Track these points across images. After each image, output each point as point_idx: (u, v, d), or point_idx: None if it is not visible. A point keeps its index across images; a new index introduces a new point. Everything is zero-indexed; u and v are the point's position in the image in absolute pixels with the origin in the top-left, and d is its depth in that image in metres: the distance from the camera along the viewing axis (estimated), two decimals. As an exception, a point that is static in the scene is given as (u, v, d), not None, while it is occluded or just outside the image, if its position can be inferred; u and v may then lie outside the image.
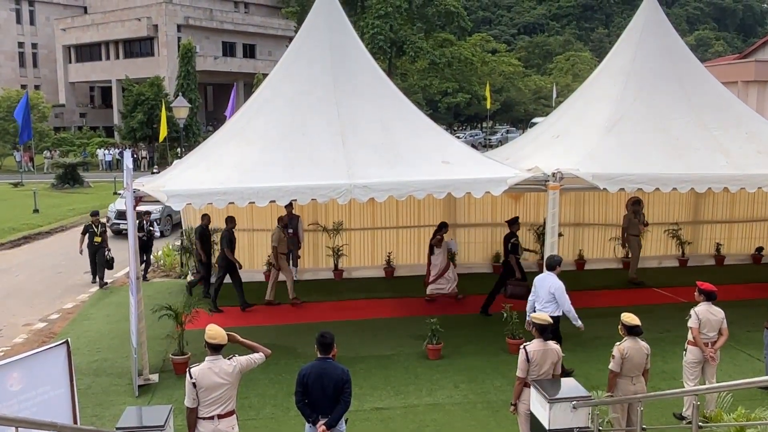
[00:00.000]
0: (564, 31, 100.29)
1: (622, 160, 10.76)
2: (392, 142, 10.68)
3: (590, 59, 77.43)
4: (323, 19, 11.95)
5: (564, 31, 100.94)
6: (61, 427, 5.13)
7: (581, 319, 9.24)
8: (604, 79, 13.26)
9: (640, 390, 7.20)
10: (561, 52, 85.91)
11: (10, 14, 63.44)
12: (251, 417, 8.50)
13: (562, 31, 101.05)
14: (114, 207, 21.98)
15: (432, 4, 57.72)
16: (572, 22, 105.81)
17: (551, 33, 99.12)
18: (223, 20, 61.82)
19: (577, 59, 79.44)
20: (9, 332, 12.59)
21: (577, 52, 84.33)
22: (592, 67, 58.77)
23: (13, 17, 63.76)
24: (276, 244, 13.21)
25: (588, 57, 79.96)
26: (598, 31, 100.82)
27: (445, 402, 9.08)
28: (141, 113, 46.18)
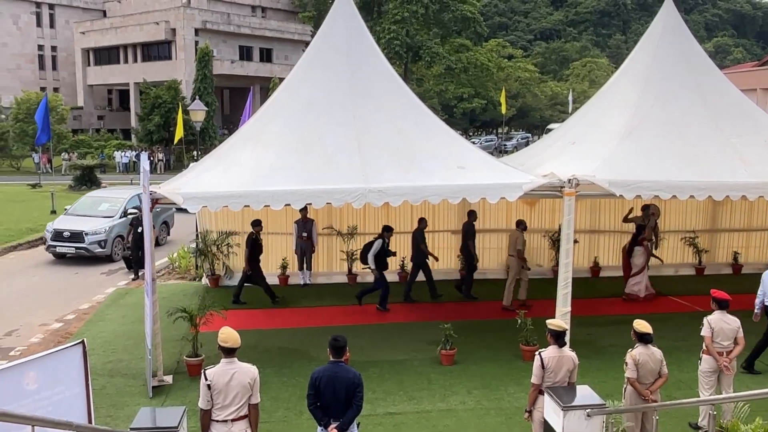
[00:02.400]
0: (581, 37, 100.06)
1: (638, 166, 10.68)
2: (408, 147, 10.68)
3: (607, 65, 77.17)
4: (340, 24, 11.98)
5: (581, 37, 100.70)
6: (76, 427, 5.17)
7: (594, 327, 9.19)
8: (621, 86, 13.20)
9: (655, 399, 7.15)
10: (578, 58, 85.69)
11: (30, 17, 64.21)
12: (263, 420, 8.48)
13: (579, 37, 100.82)
14: (51, 227, 18.90)
15: (448, 9, 57.77)
16: (589, 28, 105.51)
17: (568, 39, 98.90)
18: (240, 24, 62.18)
19: (594, 65, 79.17)
20: (25, 332, 12.71)
21: (593, 58, 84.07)
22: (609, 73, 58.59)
23: (33, 20, 64.53)
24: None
25: (605, 63, 79.67)
26: (616, 38, 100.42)
27: (459, 408, 9.04)
28: (158, 116, 46.53)
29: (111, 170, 46.59)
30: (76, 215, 19.41)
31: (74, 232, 18.39)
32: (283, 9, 71.67)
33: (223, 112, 64.22)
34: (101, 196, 21.20)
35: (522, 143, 57.51)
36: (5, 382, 5.77)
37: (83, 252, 18.30)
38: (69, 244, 18.40)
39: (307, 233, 14.68)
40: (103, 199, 20.39)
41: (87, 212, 19.47)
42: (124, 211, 19.22)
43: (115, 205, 19.72)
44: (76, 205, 20.32)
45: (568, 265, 10.09)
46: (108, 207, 19.72)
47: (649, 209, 14.26)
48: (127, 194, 20.30)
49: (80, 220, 18.79)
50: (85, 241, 18.28)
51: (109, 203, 19.95)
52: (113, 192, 21.95)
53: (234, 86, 63.47)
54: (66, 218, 19.34)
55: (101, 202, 20.08)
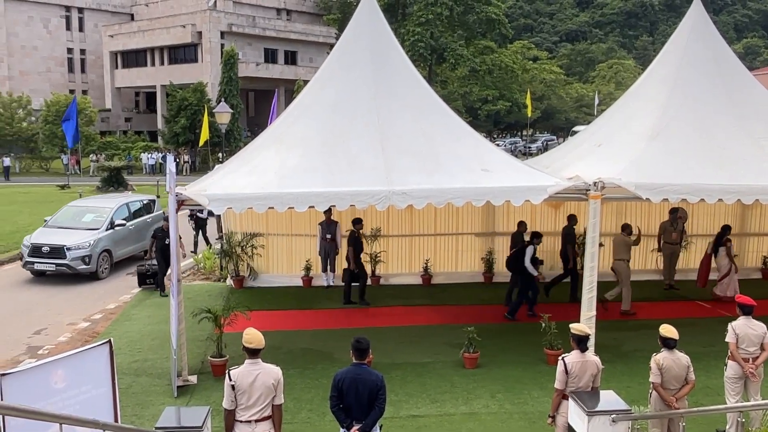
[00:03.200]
0: (607, 39, 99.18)
1: (665, 169, 10.55)
2: (432, 149, 10.66)
3: (634, 67, 76.45)
4: (364, 26, 12.01)
5: (607, 38, 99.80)
6: (103, 425, 5.24)
7: (619, 332, 9.09)
8: (648, 87, 13.05)
9: (681, 405, 7.05)
10: (604, 60, 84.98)
11: (60, 21, 65.29)
12: (287, 421, 8.51)
13: (605, 38, 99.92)
14: (28, 241, 16.84)
15: (473, 11, 57.63)
16: (616, 29, 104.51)
17: (594, 40, 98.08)
18: (265, 27, 62.61)
19: (621, 67, 78.47)
20: (54, 331, 12.90)
21: (620, 59, 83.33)
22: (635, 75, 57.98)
23: (63, 24, 65.60)
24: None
25: (631, 65, 78.94)
26: (643, 39, 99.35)
27: (482, 411, 9.00)
28: (184, 118, 47.01)
29: (138, 172, 47.17)
30: (57, 227, 17.30)
31: (54, 246, 16.28)
32: (308, 12, 72.03)
33: (248, 114, 64.71)
34: (85, 205, 18.92)
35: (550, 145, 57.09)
36: (34, 380, 5.86)
37: (64, 269, 16.25)
38: (48, 261, 16.30)
39: (330, 235, 14.72)
40: (88, 209, 18.25)
41: (69, 224, 17.39)
42: (111, 222, 17.43)
43: (101, 215, 17.68)
44: (58, 215, 18.17)
45: (593, 269, 9.99)
46: (93, 218, 17.63)
47: (677, 212, 14.13)
48: (114, 203, 18.48)
49: (61, 233, 16.74)
50: (66, 256, 16.19)
51: (94, 214, 17.86)
52: (98, 201, 19.82)
53: (259, 88, 63.90)
54: (45, 231, 17.20)
55: (85, 213, 18.01)
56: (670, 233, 14.49)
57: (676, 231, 14.41)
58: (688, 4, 13.44)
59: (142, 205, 19.43)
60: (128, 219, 18.18)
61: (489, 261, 15.35)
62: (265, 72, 60.47)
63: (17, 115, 49.19)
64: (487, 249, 15.46)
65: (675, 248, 14.71)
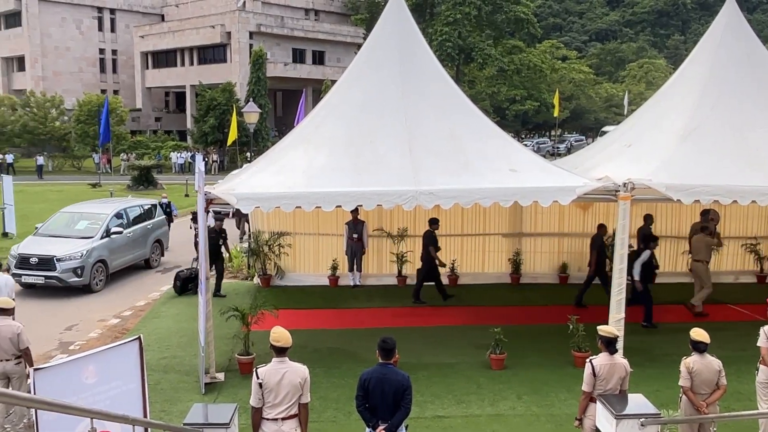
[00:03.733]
0: (638, 38, 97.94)
1: (697, 170, 10.38)
2: (459, 150, 10.63)
3: (665, 67, 75.44)
4: (392, 26, 12.00)
5: (638, 37, 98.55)
6: (132, 420, 5.30)
7: (649, 335, 8.96)
8: (679, 87, 12.85)
9: (712, 410, 6.93)
10: (634, 60, 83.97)
11: (92, 22, 66.34)
12: (312, 419, 8.52)
13: (636, 37, 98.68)
14: (15, 250, 15.63)
15: (501, 11, 57.29)
16: (647, 28, 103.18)
17: (624, 40, 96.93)
18: (293, 27, 62.94)
19: (651, 67, 77.47)
20: (85, 327, 13.10)
21: (651, 59, 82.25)
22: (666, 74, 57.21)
23: (95, 25, 66.66)
24: None
25: (663, 64, 77.89)
26: (674, 38, 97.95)
27: (508, 413, 8.95)
28: (213, 118, 47.44)
29: (167, 171, 47.70)
30: (47, 236, 15.99)
31: (43, 257, 14.98)
32: (336, 12, 72.24)
33: (275, 114, 65.08)
34: (79, 211, 17.31)
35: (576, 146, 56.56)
36: (65, 375, 5.95)
37: (54, 282, 14.99)
38: (37, 273, 14.99)
39: (357, 235, 14.75)
40: (82, 216, 16.83)
41: (61, 232, 16.09)
42: (106, 230, 16.13)
43: (96, 222, 16.36)
44: (50, 222, 16.85)
45: (622, 271, 9.88)
46: (87, 225, 16.30)
47: (708, 214, 13.88)
48: (110, 209, 17.07)
49: (52, 243, 15.39)
50: (56, 268, 14.90)
51: (88, 221, 16.50)
52: (93, 206, 18.08)
53: (286, 88, 64.25)
54: (35, 240, 15.91)
55: (79, 220, 16.63)
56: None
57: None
58: (721, 2, 13.21)
59: (143, 211, 18.13)
60: (126, 226, 16.98)
61: (516, 262, 15.26)
62: (293, 72, 60.78)
63: (50, 114, 50.05)
64: (515, 250, 15.36)
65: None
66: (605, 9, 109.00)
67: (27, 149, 51.92)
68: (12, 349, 8.23)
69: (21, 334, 8.23)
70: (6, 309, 8.33)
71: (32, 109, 49.65)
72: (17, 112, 49.66)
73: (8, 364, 8.26)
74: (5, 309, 8.33)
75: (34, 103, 50.00)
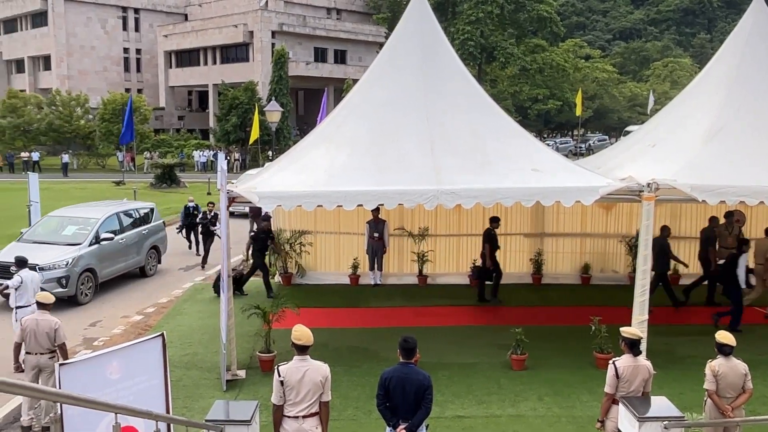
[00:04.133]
0: (662, 37, 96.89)
1: (723, 170, 10.23)
2: (481, 149, 10.58)
3: (690, 66, 74.54)
4: (414, 25, 11.98)
5: (662, 36, 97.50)
6: (156, 416, 5.35)
7: (673, 336, 8.86)
8: (705, 87, 12.68)
9: (738, 414, 6.84)
10: (659, 59, 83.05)
11: (117, 21, 67.08)
12: (333, 418, 8.54)
13: (661, 36, 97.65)
14: None
15: (524, 9, 57.05)
16: (672, 27, 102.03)
17: (649, 38, 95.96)
18: (315, 26, 63.12)
19: (676, 66, 76.56)
20: (108, 323, 13.26)
21: (676, 58, 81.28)
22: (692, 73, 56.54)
23: (120, 24, 67.40)
24: None
25: (688, 63, 76.97)
26: (700, 37, 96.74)
27: (529, 414, 8.90)
28: (235, 117, 47.77)
29: (190, 169, 48.11)
30: (32, 242, 14.82)
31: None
32: (358, 11, 72.33)
33: (297, 113, 65.35)
34: (67, 216, 15.94)
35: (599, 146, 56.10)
36: (90, 370, 6.03)
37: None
38: None
39: (378, 234, 14.76)
40: (70, 220, 15.53)
41: (47, 238, 14.93)
42: (96, 236, 14.96)
43: (85, 227, 15.16)
44: (36, 227, 15.85)
45: (645, 272, 9.77)
46: (75, 231, 15.12)
47: (733, 216, 13.68)
48: (101, 213, 15.78)
49: (35, 250, 13.98)
50: None
51: (76, 226, 15.28)
52: (84, 210, 16.70)
53: (308, 87, 64.46)
54: (18, 246, 14.51)
55: (67, 225, 15.38)
56: (725, 237, 13.96)
57: (731, 235, 13.88)
58: (748, 0, 13.02)
59: (138, 215, 16.96)
60: (119, 231, 15.82)
61: (538, 262, 15.17)
62: (315, 71, 60.96)
63: (75, 113, 50.71)
64: (536, 250, 15.27)
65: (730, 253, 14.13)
66: (629, 7, 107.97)
67: (52, 147, 52.66)
68: (48, 344, 8.37)
69: (58, 329, 8.37)
70: (45, 303, 8.47)
71: (58, 108, 50.36)
72: (43, 110, 50.40)
73: (43, 357, 8.42)
74: (44, 303, 8.47)
75: (60, 101, 50.70)
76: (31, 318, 8.50)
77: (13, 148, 48.97)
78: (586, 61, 72.26)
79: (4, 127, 48.48)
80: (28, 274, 10.48)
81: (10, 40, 69.88)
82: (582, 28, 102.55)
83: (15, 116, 48.73)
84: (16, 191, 32.27)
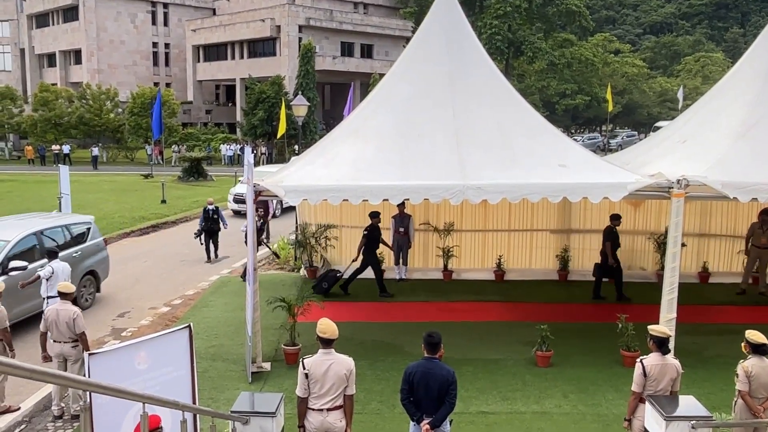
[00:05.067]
0: (694, 31, 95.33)
1: (755, 167, 10.03)
2: (507, 144, 10.52)
3: (722, 60, 73.31)
4: (441, 20, 11.92)
5: (694, 30, 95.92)
6: (183, 406, 5.42)
7: (702, 336, 8.73)
8: (738, 82, 12.43)
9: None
10: (690, 53, 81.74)
11: (146, 16, 67.82)
12: (357, 411, 8.56)
13: (692, 30, 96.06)
14: None
15: (553, 3, 56.54)
16: (704, 21, 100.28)
17: (680, 33, 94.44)
18: (342, 21, 63.19)
19: (708, 60, 75.32)
20: (136, 314, 13.44)
21: (708, 52, 79.97)
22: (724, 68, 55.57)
23: (149, 19, 68.14)
24: None
25: (720, 58, 75.68)
26: (733, 31, 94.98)
27: (553, 411, 8.85)
28: (262, 111, 48.01)
29: (217, 162, 48.51)
30: None
31: None
32: (385, 5, 72.22)
33: (323, 107, 65.49)
34: None
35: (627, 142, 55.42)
36: (119, 360, 6.12)
37: None
38: None
39: (404, 228, 14.75)
40: None
41: None
42: (5, 260, 11.54)
43: None
44: None
45: (674, 270, 9.64)
46: None
47: (767, 214, 13.43)
48: (14, 234, 12.13)
49: None
50: None
51: None
52: None
53: (334, 81, 64.56)
54: None
55: None
56: (759, 236, 13.67)
57: (765, 235, 13.60)
58: (784, -7, 12.73)
59: (69, 234, 13.46)
60: (38, 257, 12.08)
61: (564, 258, 15.05)
62: (342, 65, 61.05)
63: (105, 106, 51.40)
64: (563, 246, 15.15)
65: (763, 252, 13.77)
66: (660, 1, 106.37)
67: (83, 140, 53.46)
68: (69, 333, 8.57)
69: (77, 318, 8.55)
70: (66, 293, 8.65)
71: (88, 102, 51.08)
72: (74, 104, 51.16)
73: (66, 346, 8.64)
74: (65, 293, 8.65)
75: (90, 95, 51.42)
76: (52, 308, 8.72)
77: (45, 141, 49.79)
78: (616, 56, 71.36)
79: (35, 120, 49.34)
80: (59, 264, 10.66)
81: (42, 34, 71.03)
82: (612, 22, 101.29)
83: (46, 110, 49.56)
84: (47, 183, 32.86)
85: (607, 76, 64.04)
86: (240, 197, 22.27)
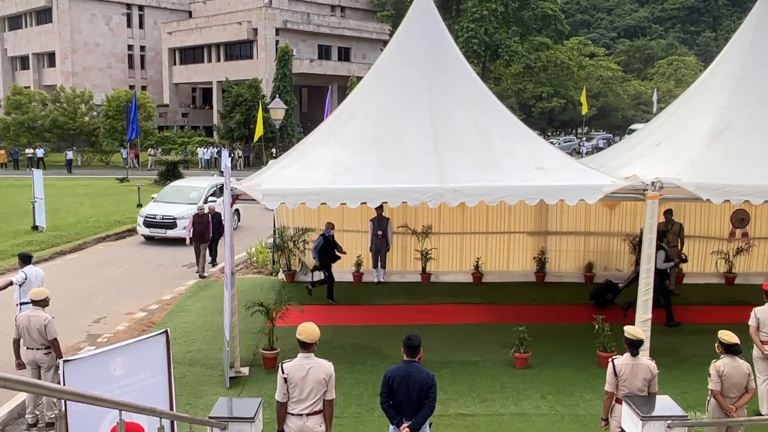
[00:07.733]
0: (667, 35, 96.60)
1: (727, 170, 10.21)
2: (485, 147, 10.58)
3: (695, 64, 74.36)
4: (419, 23, 11.96)
5: (667, 34, 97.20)
6: (160, 413, 5.36)
7: (677, 336, 8.86)
8: (710, 85, 12.63)
9: (740, 414, 6.83)
10: (663, 57, 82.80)
11: (121, 18, 67.13)
12: (336, 415, 8.50)
13: (666, 34, 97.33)
14: None
15: (528, 7, 56.95)
16: (677, 25, 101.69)
17: (653, 36, 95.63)
18: (319, 24, 63.13)
19: (681, 64, 76.38)
20: (112, 320, 13.28)
21: (681, 56, 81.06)
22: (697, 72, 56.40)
23: (124, 21, 67.46)
24: None
25: (693, 62, 76.76)
26: (705, 35, 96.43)
27: (532, 412, 8.90)
28: (239, 114, 47.78)
29: (194, 166, 48.12)
30: None
31: None
32: (362, 8, 72.31)
33: (301, 110, 65.35)
34: None
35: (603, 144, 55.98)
36: (94, 367, 6.04)
37: None
38: None
39: (382, 231, 14.76)
40: None
41: None
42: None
43: None
44: None
45: (649, 271, 9.77)
46: None
47: (739, 215, 13.67)
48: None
49: None
50: None
51: None
52: None
53: (312, 85, 64.48)
54: None
55: None
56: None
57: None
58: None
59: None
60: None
61: (541, 260, 15.16)
62: (319, 68, 60.96)
63: (80, 109, 50.78)
64: (540, 248, 15.27)
65: None
66: (634, 5, 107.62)
67: (57, 144, 52.73)
68: (41, 339, 8.44)
69: (48, 325, 8.42)
70: (37, 300, 8.52)
71: (62, 105, 50.44)
72: (48, 107, 50.50)
73: (38, 353, 8.51)
74: (36, 300, 8.52)
75: (64, 98, 50.78)
76: (24, 315, 8.60)
77: (18, 144, 49.05)
78: (591, 59, 72.05)
79: (8, 123, 48.59)
80: (32, 270, 10.49)
81: (15, 36, 70.05)
82: (586, 25, 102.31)
83: (19, 113, 48.84)
84: (20, 188, 32.39)
85: (582, 79, 64.60)
86: (152, 219, 20.10)
